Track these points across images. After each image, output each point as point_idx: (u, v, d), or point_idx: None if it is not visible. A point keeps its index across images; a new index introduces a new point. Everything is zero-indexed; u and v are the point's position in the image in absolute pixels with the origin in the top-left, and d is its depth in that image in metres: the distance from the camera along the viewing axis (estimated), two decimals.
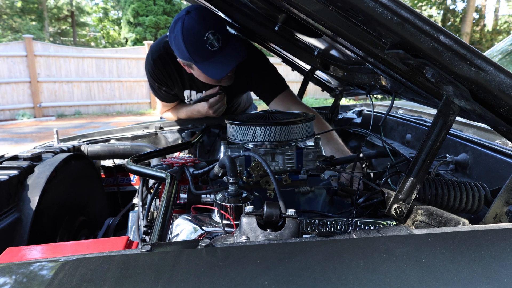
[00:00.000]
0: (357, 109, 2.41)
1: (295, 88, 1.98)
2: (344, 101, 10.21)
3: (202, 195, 1.17)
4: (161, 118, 2.46)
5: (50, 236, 1.31)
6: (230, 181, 1.03)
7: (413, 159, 0.74)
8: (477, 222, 0.74)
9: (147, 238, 1.12)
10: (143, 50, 12.40)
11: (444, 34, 0.61)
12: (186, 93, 1.97)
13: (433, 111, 1.56)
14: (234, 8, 1.66)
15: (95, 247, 0.86)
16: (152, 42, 11.94)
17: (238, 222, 0.81)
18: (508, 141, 1.08)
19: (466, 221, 0.72)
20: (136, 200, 1.52)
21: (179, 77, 1.87)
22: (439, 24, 0.78)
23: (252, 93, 2.42)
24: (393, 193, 0.77)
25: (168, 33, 1.63)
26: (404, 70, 0.83)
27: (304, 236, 0.78)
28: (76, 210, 1.53)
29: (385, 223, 0.96)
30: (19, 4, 17.87)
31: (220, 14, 1.84)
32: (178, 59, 1.67)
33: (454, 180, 0.85)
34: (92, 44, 24.00)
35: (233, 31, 2.06)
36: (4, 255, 0.81)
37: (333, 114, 2.31)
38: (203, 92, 1.93)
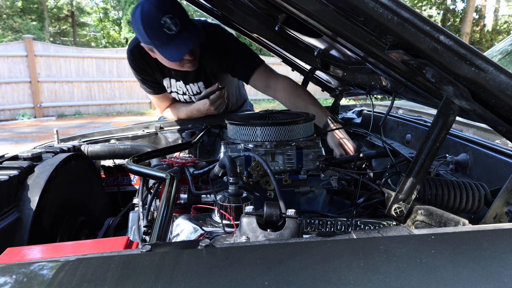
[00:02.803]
0: (357, 109, 2.41)
1: None
2: (344, 101, 10.21)
3: (202, 195, 1.17)
4: (160, 118, 2.47)
5: (50, 236, 1.31)
6: (230, 181, 1.03)
7: (413, 159, 0.74)
8: (477, 222, 0.74)
9: (147, 238, 1.12)
10: None
11: (444, 34, 0.61)
12: (166, 81, 2.00)
13: (433, 111, 1.56)
14: (234, 8, 1.66)
15: (95, 247, 0.86)
16: None
17: (238, 222, 0.81)
18: (508, 141, 1.08)
19: (466, 221, 0.72)
20: (136, 200, 1.52)
21: (156, 65, 1.91)
22: (439, 24, 0.78)
23: (248, 92, 2.42)
24: (393, 193, 0.77)
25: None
26: (404, 70, 0.83)
27: (304, 236, 0.78)
28: (76, 210, 1.53)
29: (385, 223, 0.96)
30: (19, 4, 17.88)
31: (220, 14, 1.84)
32: (141, 44, 1.73)
33: (454, 180, 0.85)
34: (92, 44, 24.00)
35: (233, 32, 2.07)
36: (4, 255, 0.81)
37: (333, 114, 2.31)
38: (180, 81, 1.97)
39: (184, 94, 2.07)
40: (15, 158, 1.42)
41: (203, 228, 1.01)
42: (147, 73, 1.96)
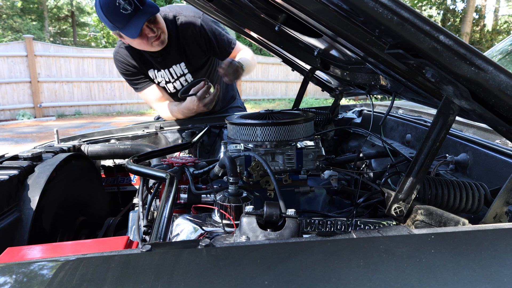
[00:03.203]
0: (357, 109, 2.41)
1: (295, 88, 2.00)
2: (344, 101, 10.21)
3: (202, 195, 1.17)
4: (155, 117, 2.48)
5: (50, 236, 1.31)
6: (230, 181, 1.03)
7: (413, 159, 0.74)
8: (477, 222, 0.75)
9: (147, 238, 1.12)
10: None
11: (444, 34, 0.61)
12: (151, 73, 2.12)
13: (433, 111, 1.56)
14: (234, 8, 1.66)
15: (95, 247, 0.86)
16: None
17: (238, 222, 0.81)
18: (508, 141, 1.08)
19: (466, 221, 0.72)
20: (136, 200, 1.52)
21: (139, 59, 2.06)
22: (439, 24, 0.78)
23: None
24: (393, 193, 0.77)
25: None
26: (404, 70, 0.83)
27: (304, 236, 0.78)
28: (76, 210, 1.53)
29: (385, 223, 0.96)
30: (19, 4, 17.88)
31: (220, 14, 1.84)
32: (112, 33, 1.91)
33: (454, 180, 0.85)
34: (92, 44, 23.99)
35: (234, 33, 2.11)
36: (4, 255, 0.81)
37: (333, 114, 2.31)
38: (162, 69, 2.08)
39: (169, 81, 2.14)
40: (15, 158, 1.42)
41: (203, 228, 1.01)
42: (132, 71, 2.09)
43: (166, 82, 2.14)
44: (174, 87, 2.17)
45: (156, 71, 2.11)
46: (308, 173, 1.23)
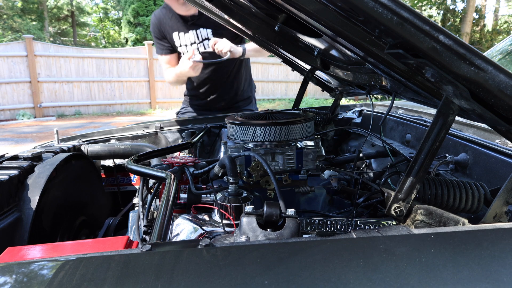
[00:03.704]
0: (357, 109, 2.41)
1: (295, 88, 2.00)
2: (344, 101, 10.20)
3: (202, 195, 1.17)
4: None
5: (50, 236, 1.31)
6: (230, 181, 1.03)
7: (413, 159, 0.74)
8: (477, 222, 0.75)
9: (147, 237, 1.12)
10: (143, 50, 12.40)
11: (443, 34, 0.61)
12: (175, 36, 2.36)
13: (433, 111, 1.56)
14: (234, 8, 1.66)
15: (95, 247, 0.86)
16: (152, 42, 11.99)
17: (238, 221, 0.82)
18: (507, 141, 1.08)
19: (466, 221, 0.72)
20: (136, 200, 1.52)
21: (168, 22, 2.34)
22: (439, 24, 0.78)
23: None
24: (393, 193, 0.77)
25: None
26: (404, 70, 0.83)
27: (304, 236, 0.78)
28: (76, 210, 1.53)
29: (385, 222, 0.96)
30: (19, 4, 17.89)
31: (220, 14, 1.84)
32: None
33: (453, 180, 0.85)
34: (92, 44, 23.99)
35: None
36: (5, 254, 0.81)
37: (333, 114, 2.31)
38: (189, 31, 2.32)
39: (193, 43, 2.37)
40: (15, 158, 1.42)
41: (203, 227, 1.01)
42: (162, 34, 2.37)
43: (191, 43, 2.35)
44: (197, 49, 2.37)
45: (182, 33, 2.33)
46: (308, 173, 1.23)
